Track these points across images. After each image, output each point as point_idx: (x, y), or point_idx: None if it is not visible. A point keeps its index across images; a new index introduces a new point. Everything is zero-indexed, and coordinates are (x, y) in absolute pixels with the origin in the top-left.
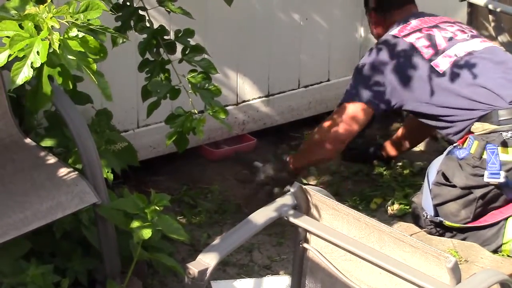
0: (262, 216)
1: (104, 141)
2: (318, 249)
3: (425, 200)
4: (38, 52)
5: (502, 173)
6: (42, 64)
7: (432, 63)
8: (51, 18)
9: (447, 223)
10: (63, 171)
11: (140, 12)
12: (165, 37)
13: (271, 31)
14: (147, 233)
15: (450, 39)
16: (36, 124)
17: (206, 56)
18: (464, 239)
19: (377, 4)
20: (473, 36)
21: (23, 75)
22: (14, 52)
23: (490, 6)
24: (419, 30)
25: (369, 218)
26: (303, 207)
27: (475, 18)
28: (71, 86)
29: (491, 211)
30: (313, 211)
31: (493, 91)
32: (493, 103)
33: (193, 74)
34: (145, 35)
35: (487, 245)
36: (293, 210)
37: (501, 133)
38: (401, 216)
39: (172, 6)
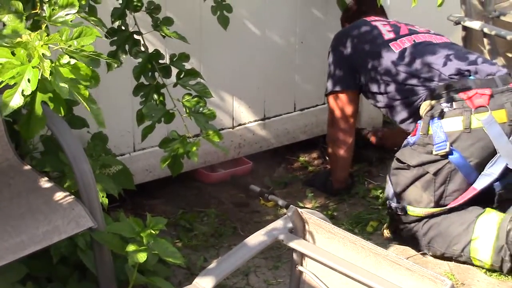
0: (258, 239)
1: (99, 165)
2: (314, 272)
3: (388, 192)
4: (29, 80)
5: (447, 143)
6: (34, 91)
7: (390, 44)
8: (42, 46)
9: (410, 211)
10: (59, 195)
11: (135, 36)
12: (160, 61)
13: (267, 55)
14: (142, 257)
15: (412, 30)
16: (32, 149)
17: (201, 80)
18: (433, 238)
19: (348, 13)
20: (437, 34)
21: (14, 103)
22: (5, 80)
23: (485, 30)
24: (388, 22)
25: (365, 241)
26: (299, 230)
27: (469, 42)
28: (63, 113)
29: (453, 197)
30: (309, 234)
31: (436, 69)
32: (437, 79)
33: (187, 98)
34: (140, 59)
35: (456, 243)
36: (289, 233)
37: (440, 105)
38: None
39: (167, 31)
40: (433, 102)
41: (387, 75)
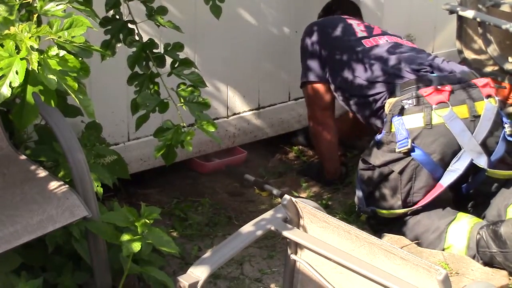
0: (252, 229)
1: (93, 154)
2: (308, 262)
3: (356, 195)
4: (17, 72)
5: (409, 140)
6: (25, 82)
7: (362, 40)
8: (30, 38)
9: (380, 211)
10: (53, 184)
11: (130, 25)
12: (155, 50)
13: (261, 44)
14: (136, 247)
15: (384, 31)
16: (26, 138)
17: (195, 69)
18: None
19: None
20: (409, 40)
21: (2, 94)
22: None
23: (479, 19)
24: (362, 23)
25: (359, 230)
26: (293, 219)
27: (464, 31)
28: (53, 104)
29: (421, 194)
30: (304, 223)
31: (401, 67)
32: (400, 76)
33: (182, 87)
34: (134, 49)
35: (432, 249)
36: (284, 222)
37: (401, 102)
38: None
39: (162, 20)
40: (395, 99)
41: (354, 70)
